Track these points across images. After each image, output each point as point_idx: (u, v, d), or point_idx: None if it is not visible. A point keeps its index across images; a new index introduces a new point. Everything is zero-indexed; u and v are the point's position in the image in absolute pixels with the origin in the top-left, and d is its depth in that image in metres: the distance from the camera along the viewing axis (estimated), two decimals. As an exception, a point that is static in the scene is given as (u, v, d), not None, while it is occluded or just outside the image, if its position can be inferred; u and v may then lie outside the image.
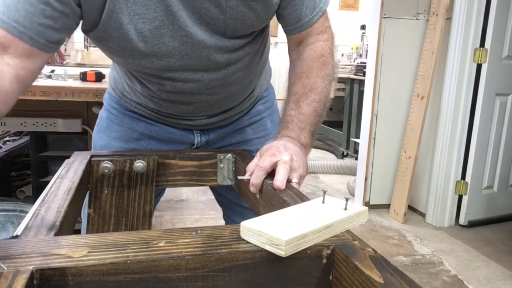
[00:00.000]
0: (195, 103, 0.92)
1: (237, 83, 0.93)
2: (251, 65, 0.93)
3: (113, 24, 0.73)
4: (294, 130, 0.82)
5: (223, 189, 1.09)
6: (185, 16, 0.75)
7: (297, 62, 0.89)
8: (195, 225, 1.68)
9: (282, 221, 0.51)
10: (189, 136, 1.02)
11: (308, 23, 0.87)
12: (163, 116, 0.98)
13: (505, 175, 2.85)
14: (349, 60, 5.16)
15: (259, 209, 0.78)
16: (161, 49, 0.78)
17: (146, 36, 0.76)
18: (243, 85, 0.96)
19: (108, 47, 0.80)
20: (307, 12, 0.86)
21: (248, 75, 0.95)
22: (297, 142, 0.80)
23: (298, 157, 0.76)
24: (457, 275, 2.15)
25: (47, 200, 0.66)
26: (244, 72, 0.92)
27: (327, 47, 0.89)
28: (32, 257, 0.44)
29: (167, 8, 0.74)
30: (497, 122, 2.71)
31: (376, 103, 2.91)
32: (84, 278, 0.43)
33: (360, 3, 5.86)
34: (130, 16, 0.73)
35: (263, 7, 0.80)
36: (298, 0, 0.84)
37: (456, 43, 2.58)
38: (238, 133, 1.05)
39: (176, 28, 0.76)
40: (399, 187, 2.89)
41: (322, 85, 0.86)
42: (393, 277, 0.43)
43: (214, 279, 0.46)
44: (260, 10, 0.80)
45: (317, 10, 0.87)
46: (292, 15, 0.85)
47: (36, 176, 2.46)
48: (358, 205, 0.59)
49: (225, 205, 1.16)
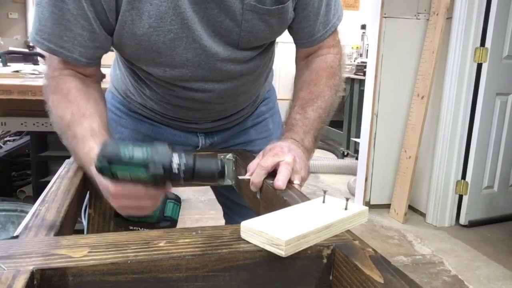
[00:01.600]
0: (203, 110, 0.93)
1: (246, 93, 0.94)
2: (260, 75, 0.94)
3: (126, 34, 0.74)
4: (299, 133, 0.83)
5: (224, 189, 1.09)
6: (200, 29, 0.75)
7: (305, 71, 0.90)
8: (195, 225, 1.68)
9: (282, 221, 0.51)
10: (193, 139, 1.02)
11: (321, 38, 0.87)
12: (168, 119, 0.98)
13: (505, 175, 2.85)
14: (350, 60, 5.16)
15: (259, 209, 0.78)
16: (175, 60, 0.78)
17: (160, 47, 0.75)
18: (251, 93, 0.97)
19: (124, 53, 0.81)
20: (320, 28, 0.86)
21: (256, 84, 0.96)
22: (300, 145, 0.81)
23: (301, 160, 0.76)
24: (458, 275, 2.15)
25: (47, 200, 0.66)
26: (254, 82, 0.93)
27: (336, 60, 0.90)
28: (32, 257, 0.44)
29: (182, 22, 0.73)
30: (498, 122, 2.71)
31: (377, 103, 2.91)
32: (84, 278, 0.43)
33: (360, 3, 5.86)
34: (145, 29, 0.73)
35: (278, 22, 0.80)
36: (312, 16, 0.83)
37: (457, 42, 2.58)
38: (242, 134, 1.05)
39: (191, 40, 0.76)
40: (399, 187, 2.89)
41: (329, 93, 0.87)
42: (393, 277, 0.43)
43: (214, 279, 0.46)
44: (275, 24, 0.80)
45: (330, 26, 0.87)
46: (305, 29, 0.86)
47: (37, 176, 2.46)
48: (358, 205, 0.59)
49: (226, 205, 1.16)
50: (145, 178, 0.55)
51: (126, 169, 0.55)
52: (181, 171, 0.55)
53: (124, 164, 0.54)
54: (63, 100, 0.75)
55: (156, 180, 0.55)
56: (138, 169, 0.54)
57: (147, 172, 0.54)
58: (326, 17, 0.85)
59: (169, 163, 0.54)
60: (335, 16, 0.87)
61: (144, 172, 0.54)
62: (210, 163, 0.57)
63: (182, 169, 0.55)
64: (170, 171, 0.54)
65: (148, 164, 0.54)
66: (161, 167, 0.54)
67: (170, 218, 0.71)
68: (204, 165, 0.57)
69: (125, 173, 0.55)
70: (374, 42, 2.86)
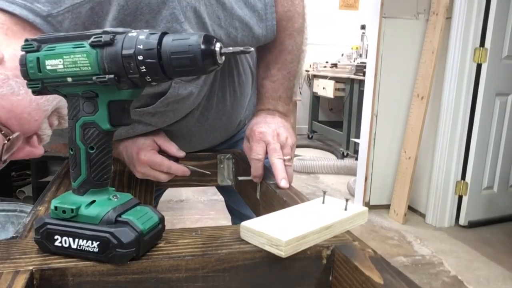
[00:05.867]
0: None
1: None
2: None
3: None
4: (270, 102, 0.81)
5: (226, 194, 1.10)
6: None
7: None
8: (195, 225, 1.68)
9: (282, 221, 0.51)
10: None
11: (268, 34, 0.77)
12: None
13: (505, 176, 2.85)
14: (349, 60, 5.17)
15: (259, 209, 0.78)
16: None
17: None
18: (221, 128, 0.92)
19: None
20: (261, 29, 0.75)
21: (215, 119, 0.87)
22: (276, 113, 0.80)
23: (283, 128, 0.76)
24: (457, 276, 2.15)
25: (47, 200, 0.66)
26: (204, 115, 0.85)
27: (291, 2, 0.79)
28: (32, 257, 0.44)
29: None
30: (497, 122, 2.71)
31: (376, 103, 2.91)
32: (84, 278, 0.43)
33: (360, 3, 5.86)
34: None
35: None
36: (243, 31, 0.72)
37: (456, 42, 2.58)
38: (231, 147, 1.03)
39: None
40: (399, 187, 2.89)
41: (291, 42, 0.81)
42: (393, 277, 0.43)
43: (214, 280, 0.46)
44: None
45: (267, 17, 0.75)
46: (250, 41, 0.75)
47: (36, 176, 2.47)
48: (358, 205, 0.59)
49: (233, 213, 1.16)
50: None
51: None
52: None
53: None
54: None
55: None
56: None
57: None
58: (255, 13, 0.73)
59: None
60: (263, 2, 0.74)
61: None
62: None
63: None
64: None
65: None
66: None
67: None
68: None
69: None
70: (374, 42, 2.86)
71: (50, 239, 0.45)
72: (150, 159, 0.76)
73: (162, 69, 0.42)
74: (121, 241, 0.43)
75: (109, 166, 0.47)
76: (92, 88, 0.44)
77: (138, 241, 0.44)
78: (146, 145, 0.77)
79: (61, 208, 0.45)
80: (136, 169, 0.78)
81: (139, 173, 0.79)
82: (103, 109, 0.45)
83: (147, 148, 0.77)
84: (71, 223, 0.45)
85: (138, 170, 0.78)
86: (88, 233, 0.44)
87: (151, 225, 0.46)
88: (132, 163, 0.78)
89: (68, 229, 0.45)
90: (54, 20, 0.59)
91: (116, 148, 0.80)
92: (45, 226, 0.45)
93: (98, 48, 0.42)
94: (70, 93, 0.45)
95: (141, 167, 0.77)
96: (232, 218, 1.18)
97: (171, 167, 0.77)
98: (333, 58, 5.38)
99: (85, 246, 0.44)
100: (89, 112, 0.45)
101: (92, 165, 0.45)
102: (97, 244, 0.43)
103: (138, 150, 0.77)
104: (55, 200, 0.46)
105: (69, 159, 0.47)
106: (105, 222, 0.44)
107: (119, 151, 0.80)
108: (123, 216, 0.45)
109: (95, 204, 0.45)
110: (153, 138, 0.79)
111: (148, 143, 0.77)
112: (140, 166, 0.77)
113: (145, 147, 0.77)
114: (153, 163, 0.76)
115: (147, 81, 0.43)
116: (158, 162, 0.77)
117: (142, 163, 0.77)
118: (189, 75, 0.45)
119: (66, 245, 0.44)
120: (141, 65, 0.41)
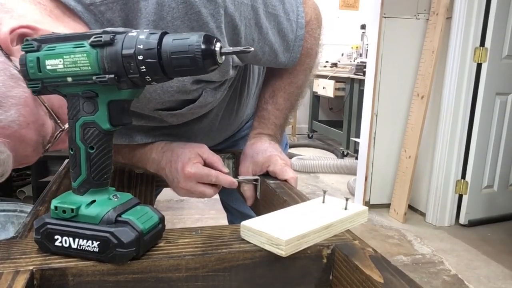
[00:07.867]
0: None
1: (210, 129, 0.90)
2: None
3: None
4: (271, 128, 0.84)
5: (225, 194, 1.10)
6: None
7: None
8: (195, 225, 1.68)
9: (282, 221, 0.51)
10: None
11: (291, 60, 0.79)
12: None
13: (505, 174, 2.85)
14: (349, 60, 5.17)
15: (259, 209, 0.78)
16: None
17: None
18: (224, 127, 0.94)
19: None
20: (285, 56, 0.78)
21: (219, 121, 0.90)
22: (274, 139, 0.84)
23: (282, 153, 0.81)
24: (457, 275, 2.15)
25: (47, 200, 0.66)
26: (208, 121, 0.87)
27: (312, 37, 0.81)
28: (32, 257, 0.44)
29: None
30: (497, 122, 2.71)
31: (376, 103, 2.91)
32: (84, 278, 0.43)
33: (360, 3, 5.86)
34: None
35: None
36: (269, 57, 0.75)
37: (456, 42, 2.58)
38: (230, 147, 1.04)
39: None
40: (399, 186, 2.89)
41: (303, 78, 0.83)
42: (393, 276, 0.43)
43: (214, 279, 0.46)
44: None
45: (292, 47, 0.77)
46: (271, 65, 0.80)
47: (36, 176, 2.47)
48: (358, 204, 0.59)
49: (229, 210, 1.16)
50: None
51: None
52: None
53: None
54: None
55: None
56: None
57: None
58: (285, 43, 0.76)
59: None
60: (294, 31, 0.76)
61: None
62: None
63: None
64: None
65: None
66: None
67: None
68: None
69: None
70: (374, 42, 2.86)
71: (50, 239, 0.45)
72: (196, 171, 0.73)
73: (162, 69, 0.42)
74: (121, 241, 0.43)
75: (109, 166, 0.47)
76: (92, 88, 0.44)
77: (138, 241, 0.44)
78: (191, 159, 0.75)
79: (61, 208, 0.45)
80: (180, 185, 0.75)
81: (183, 190, 0.76)
82: (103, 109, 0.45)
83: (193, 161, 0.74)
84: (71, 223, 0.45)
85: (183, 186, 0.75)
86: (88, 233, 0.44)
87: (151, 224, 0.46)
88: (176, 178, 0.75)
89: (68, 229, 0.45)
90: (96, 9, 0.58)
91: (159, 163, 0.78)
92: (45, 226, 0.45)
93: (98, 48, 0.42)
94: (70, 93, 0.45)
95: (187, 182, 0.74)
96: (228, 215, 1.18)
97: (218, 177, 0.74)
98: (333, 58, 5.37)
99: (85, 246, 0.44)
100: (89, 112, 0.45)
101: (92, 165, 0.45)
102: (97, 244, 0.43)
103: (183, 164, 0.74)
104: (55, 200, 0.46)
105: (69, 159, 0.47)
106: (105, 222, 0.44)
107: (161, 167, 0.78)
108: (123, 216, 0.45)
109: (95, 204, 0.45)
110: (197, 151, 0.76)
111: (193, 157, 0.75)
112: (186, 181, 0.74)
113: (191, 161, 0.74)
114: (199, 175, 0.73)
115: (147, 81, 0.43)
116: (205, 173, 0.74)
117: (188, 177, 0.74)
118: (189, 75, 0.45)
119: (66, 245, 0.44)
120: (141, 65, 0.41)
